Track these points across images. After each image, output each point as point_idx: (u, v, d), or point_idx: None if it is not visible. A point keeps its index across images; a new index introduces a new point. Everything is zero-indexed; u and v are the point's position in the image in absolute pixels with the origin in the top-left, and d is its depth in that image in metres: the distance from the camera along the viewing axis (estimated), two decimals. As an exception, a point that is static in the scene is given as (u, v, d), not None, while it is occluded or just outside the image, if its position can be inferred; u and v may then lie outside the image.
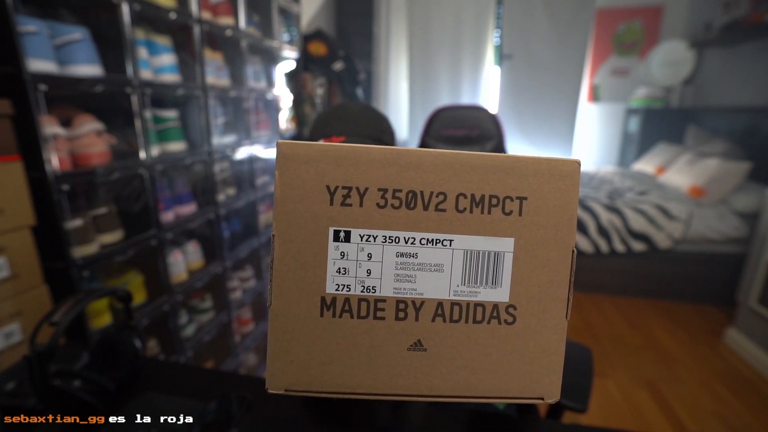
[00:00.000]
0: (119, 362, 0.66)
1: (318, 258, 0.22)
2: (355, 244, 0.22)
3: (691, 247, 2.41)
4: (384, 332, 0.23)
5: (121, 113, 1.10)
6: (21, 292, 0.88)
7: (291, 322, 0.23)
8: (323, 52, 2.43)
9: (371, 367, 0.23)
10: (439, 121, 1.09)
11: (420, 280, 0.23)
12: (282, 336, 0.23)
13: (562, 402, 0.74)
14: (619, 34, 3.37)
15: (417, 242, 0.22)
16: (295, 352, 0.23)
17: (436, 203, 0.22)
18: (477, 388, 0.24)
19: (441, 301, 0.23)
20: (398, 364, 0.23)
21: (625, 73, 3.43)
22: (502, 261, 0.23)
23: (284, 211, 0.22)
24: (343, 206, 0.22)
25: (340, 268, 0.22)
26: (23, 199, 0.87)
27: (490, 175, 0.22)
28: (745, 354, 1.94)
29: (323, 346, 0.23)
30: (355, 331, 0.23)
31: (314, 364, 0.23)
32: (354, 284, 0.23)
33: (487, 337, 0.24)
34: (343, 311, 0.23)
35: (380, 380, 0.23)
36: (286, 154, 0.22)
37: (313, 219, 0.22)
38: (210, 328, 1.48)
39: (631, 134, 3.46)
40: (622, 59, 3.41)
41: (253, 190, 1.70)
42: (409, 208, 0.22)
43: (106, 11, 1.02)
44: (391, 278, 0.22)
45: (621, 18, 3.33)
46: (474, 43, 3.21)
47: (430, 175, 0.22)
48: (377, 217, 0.22)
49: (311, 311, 0.23)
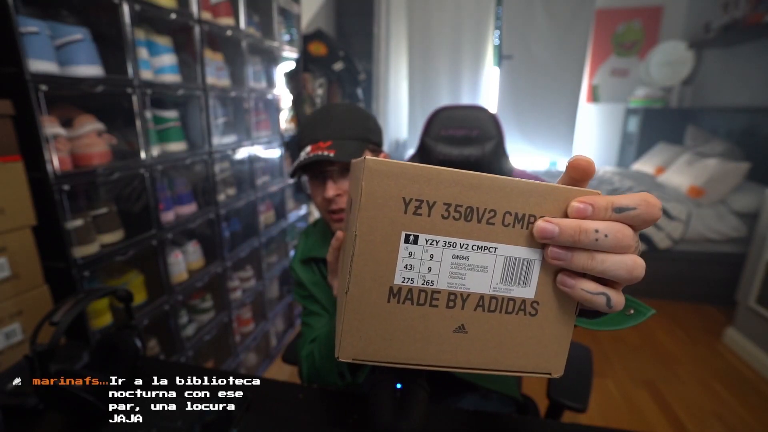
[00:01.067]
0: (120, 362, 0.66)
1: (390, 256, 0.27)
2: (421, 246, 0.28)
3: (690, 247, 2.41)
4: (436, 317, 0.29)
5: (122, 113, 1.10)
6: (22, 292, 0.89)
7: (363, 305, 0.28)
8: (323, 53, 2.43)
9: (423, 344, 0.29)
10: (439, 121, 1.09)
11: (468, 277, 0.29)
12: (354, 316, 0.28)
13: (562, 401, 0.74)
14: (618, 35, 3.38)
15: (469, 248, 0.28)
16: (363, 329, 0.28)
17: (487, 218, 0.28)
18: (502, 363, 0.30)
19: (483, 294, 0.29)
20: (444, 343, 0.29)
21: (624, 74, 3.44)
22: (533, 267, 0.29)
23: (367, 217, 0.27)
24: (415, 215, 0.27)
25: (407, 264, 0.28)
26: (24, 199, 0.87)
27: (531, 199, 0.28)
28: (744, 354, 1.95)
29: (386, 326, 0.28)
30: (413, 315, 0.29)
31: (378, 339, 0.28)
32: (417, 278, 0.28)
33: (515, 325, 0.30)
34: (406, 299, 0.28)
35: (429, 355, 0.29)
36: (372, 169, 0.26)
37: (390, 224, 0.27)
38: (210, 328, 1.49)
39: (631, 134, 3.46)
40: (622, 59, 3.41)
41: (254, 190, 1.70)
42: (466, 221, 0.28)
43: (107, 12, 1.02)
44: (447, 275, 0.28)
45: (620, 18, 3.34)
46: (474, 44, 3.21)
47: (485, 195, 0.27)
48: (440, 225, 0.27)
49: (380, 298, 0.28)
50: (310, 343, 0.75)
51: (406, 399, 0.52)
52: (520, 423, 0.63)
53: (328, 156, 0.63)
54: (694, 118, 3.17)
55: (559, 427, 0.62)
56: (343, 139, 0.67)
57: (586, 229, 0.26)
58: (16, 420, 0.61)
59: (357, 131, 0.69)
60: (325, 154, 0.64)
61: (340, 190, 0.69)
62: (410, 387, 0.53)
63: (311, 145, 0.68)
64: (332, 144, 0.66)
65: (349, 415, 0.62)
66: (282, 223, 1.97)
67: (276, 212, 1.95)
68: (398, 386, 0.52)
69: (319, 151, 0.65)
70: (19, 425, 0.60)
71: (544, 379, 0.80)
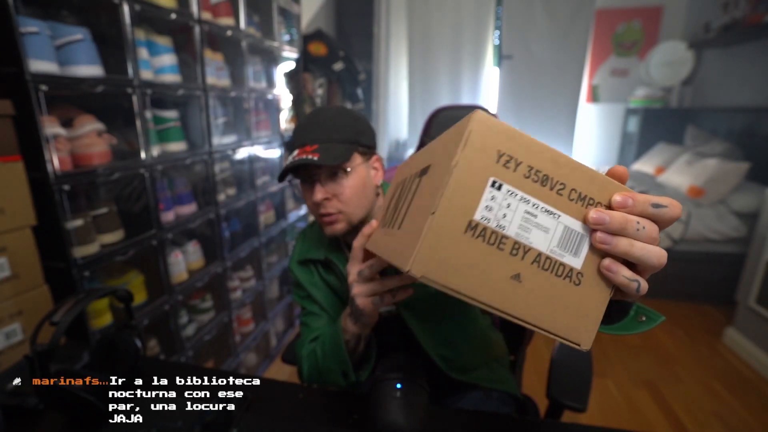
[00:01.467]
0: (120, 362, 0.66)
1: (476, 194, 0.31)
2: (502, 194, 0.32)
3: (690, 247, 2.41)
4: (500, 259, 0.32)
5: (122, 113, 1.10)
6: (22, 291, 0.89)
7: (443, 228, 0.31)
8: (323, 53, 2.43)
9: (481, 281, 0.32)
10: (439, 121, 1.09)
11: (533, 233, 0.32)
12: (434, 236, 0.31)
13: (562, 401, 0.74)
14: (618, 35, 3.38)
15: (539, 208, 0.32)
16: (438, 251, 0.31)
17: (557, 189, 0.32)
18: (542, 321, 0.33)
19: (541, 252, 0.32)
20: (499, 286, 0.32)
21: (624, 74, 3.44)
22: (584, 242, 0.33)
23: (468, 155, 0.31)
24: (504, 167, 0.31)
25: (488, 205, 0.31)
26: (24, 199, 0.87)
27: (593, 185, 0.33)
28: (744, 353, 1.95)
29: (456, 255, 0.31)
30: (481, 252, 0.32)
31: (445, 265, 0.31)
32: (492, 219, 0.32)
33: (560, 289, 0.33)
34: (479, 235, 0.31)
35: (484, 292, 0.32)
36: (481, 121, 0.31)
37: (482, 168, 0.31)
38: (210, 327, 1.49)
39: (631, 134, 3.46)
40: (622, 59, 3.41)
41: (254, 190, 1.70)
42: (541, 185, 0.32)
43: (107, 12, 1.02)
44: (516, 226, 0.32)
45: (620, 18, 3.33)
46: (474, 44, 3.21)
47: (560, 169, 0.32)
48: (521, 182, 0.32)
49: (459, 227, 0.31)
50: (311, 342, 0.75)
51: (407, 399, 0.52)
52: (520, 423, 0.63)
53: (312, 160, 0.64)
54: (694, 118, 3.17)
55: (559, 427, 0.62)
56: (330, 143, 0.68)
57: (630, 220, 0.32)
58: (16, 420, 0.61)
59: (344, 134, 0.69)
60: (309, 158, 0.64)
61: (327, 194, 0.69)
62: (410, 387, 0.53)
63: (299, 149, 0.68)
64: (318, 148, 0.66)
65: (349, 415, 0.62)
66: (282, 223, 1.97)
67: (276, 212, 1.95)
68: (398, 386, 0.53)
69: (305, 155, 0.65)
70: (19, 425, 0.60)
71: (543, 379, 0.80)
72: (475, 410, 0.64)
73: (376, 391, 0.53)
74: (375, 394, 0.53)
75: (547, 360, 0.84)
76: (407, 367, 0.55)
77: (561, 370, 0.80)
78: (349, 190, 0.69)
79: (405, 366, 0.55)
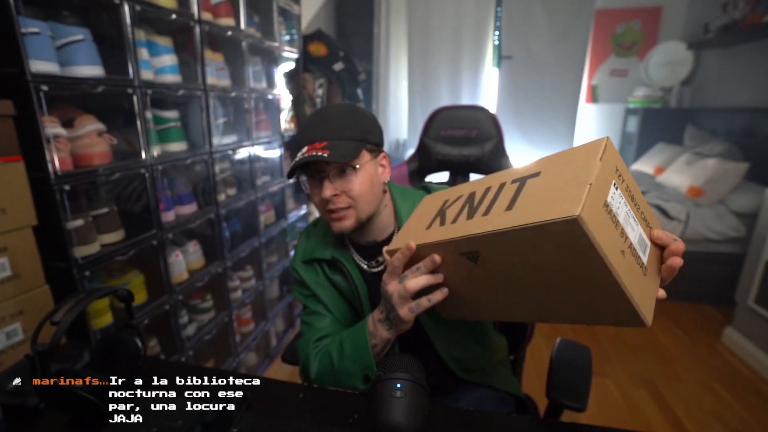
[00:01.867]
0: (120, 362, 0.66)
1: (607, 185, 0.43)
2: (617, 194, 0.44)
3: (689, 247, 2.40)
4: (617, 236, 0.42)
5: (122, 114, 1.10)
6: (22, 291, 0.89)
7: (594, 196, 0.40)
8: (323, 53, 2.44)
9: (609, 246, 0.40)
10: (439, 122, 1.09)
11: (628, 229, 0.44)
12: (591, 199, 0.40)
13: (562, 401, 0.74)
14: (617, 35, 3.38)
15: (630, 215, 0.45)
16: (592, 210, 0.39)
17: (636, 207, 0.47)
18: (635, 294, 0.42)
19: (632, 243, 0.44)
20: (615, 253, 0.41)
21: (623, 74, 3.44)
22: (647, 246, 0.47)
23: (605, 158, 0.44)
24: (618, 178, 0.45)
25: (612, 196, 0.43)
26: (25, 199, 0.87)
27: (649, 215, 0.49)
28: (743, 353, 1.95)
29: (598, 219, 0.40)
30: (608, 224, 0.41)
31: (593, 223, 0.39)
32: (614, 206, 0.43)
33: (639, 274, 0.44)
34: (608, 212, 0.42)
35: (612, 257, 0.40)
36: (609, 147, 0.46)
37: (609, 171, 0.44)
38: (210, 327, 1.49)
39: (630, 134, 3.46)
40: (621, 60, 3.41)
41: (254, 190, 1.70)
42: (631, 200, 0.46)
43: (107, 12, 1.03)
44: (622, 218, 0.43)
45: (620, 19, 3.34)
46: (473, 44, 3.21)
47: (638, 195, 0.48)
48: (624, 193, 0.45)
49: (600, 201, 0.41)
50: (316, 342, 0.75)
51: (407, 399, 0.52)
52: (519, 422, 0.63)
53: (322, 156, 0.64)
54: (694, 118, 3.17)
55: (559, 427, 0.62)
56: (339, 140, 0.67)
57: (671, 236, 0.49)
58: (16, 419, 0.61)
59: (353, 132, 0.69)
60: (319, 155, 0.64)
61: (336, 190, 0.69)
62: (410, 387, 0.53)
63: (307, 145, 0.68)
64: (327, 144, 0.66)
65: (349, 415, 0.62)
66: (282, 223, 1.97)
67: (276, 212, 1.95)
68: (398, 386, 0.53)
69: (314, 152, 0.65)
70: (19, 425, 0.60)
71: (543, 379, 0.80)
72: (476, 409, 0.65)
73: (376, 391, 0.54)
74: (375, 394, 0.54)
75: (546, 360, 0.84)
76: (407, 366, 0.55)
77: (560, 369, 0.81)
78: (358, 187, 0.69)
79: (405, 366, 0.56)
